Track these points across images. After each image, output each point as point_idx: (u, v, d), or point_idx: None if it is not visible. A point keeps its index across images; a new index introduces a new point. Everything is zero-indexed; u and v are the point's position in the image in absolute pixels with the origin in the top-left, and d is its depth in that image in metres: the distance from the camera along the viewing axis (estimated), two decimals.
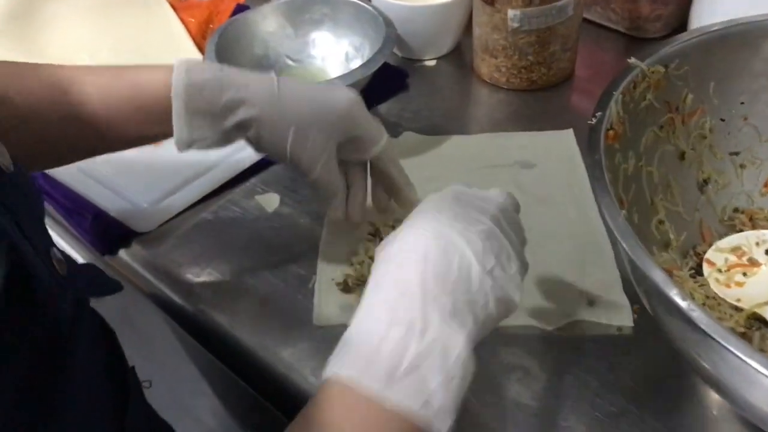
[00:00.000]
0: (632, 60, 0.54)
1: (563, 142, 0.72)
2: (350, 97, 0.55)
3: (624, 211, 0.50)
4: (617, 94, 0.51)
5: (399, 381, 0.35)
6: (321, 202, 0.58)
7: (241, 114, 0.52)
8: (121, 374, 0.48)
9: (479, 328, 0.40)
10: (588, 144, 0.48)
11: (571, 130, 0.73)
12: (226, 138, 0.53)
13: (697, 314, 0.37)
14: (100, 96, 0.52)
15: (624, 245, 0.41)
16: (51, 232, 0.78)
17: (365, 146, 0.56)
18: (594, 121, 0.49)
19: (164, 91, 0.51)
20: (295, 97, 0.53)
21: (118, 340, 0.50)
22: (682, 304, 0.38)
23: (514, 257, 0.43)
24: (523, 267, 0.44)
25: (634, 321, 0.55)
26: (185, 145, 0.53)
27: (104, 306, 0.87)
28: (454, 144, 0.73)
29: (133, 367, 0.50)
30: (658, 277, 0.39)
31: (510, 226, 0.44)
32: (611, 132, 0.50)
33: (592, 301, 0.57)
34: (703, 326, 0.36)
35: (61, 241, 0.78)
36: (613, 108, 0.51)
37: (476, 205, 0.44)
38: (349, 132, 0.55)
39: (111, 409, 0.44)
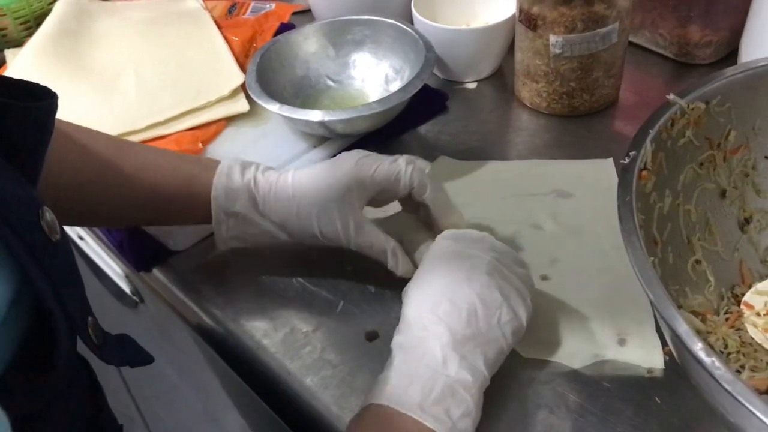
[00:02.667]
0: (671, 97, 0.52)
1: (603, 172, 0.71)
2: (349, 166, 0.58)
3: (657, 255, 0.49)
4: (653, 133, 0.50)
5: (429, 409, 0.45)
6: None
7: (267, 221, 0.59)
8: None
9: (493, 363, 0.49)
10: (620, 185, 0.47)
11: (611, 160, 0.71)
12: (261, 237, 0.60)
13: (721, 373, 0.36)
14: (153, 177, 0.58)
15: (649, 294, 0.40)
16: (94, 245, 0.81)
17: (388, 197, 0.60)
18: (627, 160, 0.48)
19: (210, 190, 0.59)
20: (307, 185, 0.58)
21: (104, 399, 0.51)
22: (706, 360, 0.36)
23: (517, 283, 0.51)
24: (528, 288, 0.53)
25: (665, 363, 0.53)
26: (223, 243, 0.61)
27: (139, 317, 0.89)
28: (490, 170, 0.73)
29: (121, 426, 0.51)
30: (683, 329, 0.38)
31: (503, 255, 0.53)
32: (645, 172, 0.49)
33: (622, 340, 0.55)
34: (726, 385, 0.35)
35: (103, 253, 0.81)
36: (648, 147, 0.49)
37: (473, 244, 0.53)
38: (365, 193, 0.58)
39: None
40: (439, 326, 0.48)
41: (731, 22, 0.80)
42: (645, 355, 0.54)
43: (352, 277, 0.63)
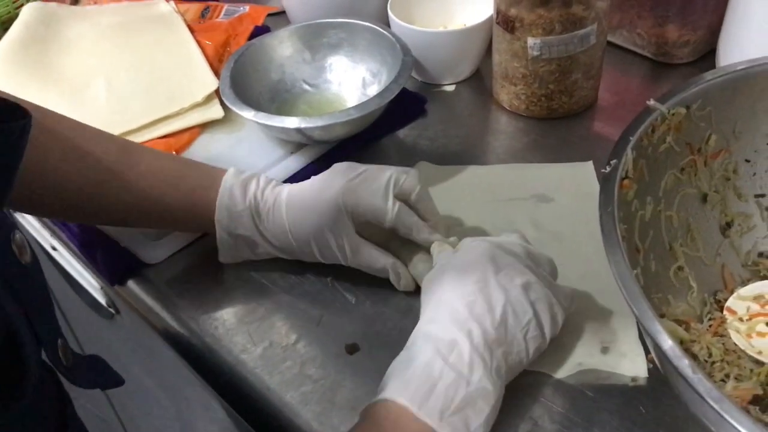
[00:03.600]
0: (651, 102, 0.52)
1: (582, 176, 0.70)
2: (337, 190, 0.57)
3: (639, 264, 0.48)
4: (634, 140, 0.50)
5: (448, 418, 0.44)
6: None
7: (268, 244, 0.60)
8: None
9: (510, 373, 0.50)
10: (601, 193, 0.47)
11: (590, 163, 0.71)
12: (264, 256, 0.62)
13: (706, 389, 0.35)
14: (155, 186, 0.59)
15: (633, 309, 0.40)
16: (69, 257, 0.79)
17: (377, 222, 0.58)
18: (608, 169, 0.48)
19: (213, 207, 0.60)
20: (299, 210, 0.58)
21: (72, 410, 0.49)
22: (693, 377, 0.36)
23: (551, 300, 0.50)
24: (562, 306, 0.52)
25: (649, 371, 0.53)
26: (227, 259, 0.63)
27: (116, 329, 0.87)
28: (470, 175, 0.72)
29: None
30: (668, 345, 0.37)
31: (542, 269, 0.53)
32: (626, 181, 0.48)
33: (605, 348, 0.55)
34: (712, 403, 0.35)
35: (78, 265, 0.79)
36: (629, 155, 0.49)
37: (512, 254, 0.52)
38: (356, 218, 0.58)
39: None
40: (473, 325, 0.48)
41: (709, 21, 0.79)
42: (628, 363, 0.54)
43: (332, 289, 0.62)
